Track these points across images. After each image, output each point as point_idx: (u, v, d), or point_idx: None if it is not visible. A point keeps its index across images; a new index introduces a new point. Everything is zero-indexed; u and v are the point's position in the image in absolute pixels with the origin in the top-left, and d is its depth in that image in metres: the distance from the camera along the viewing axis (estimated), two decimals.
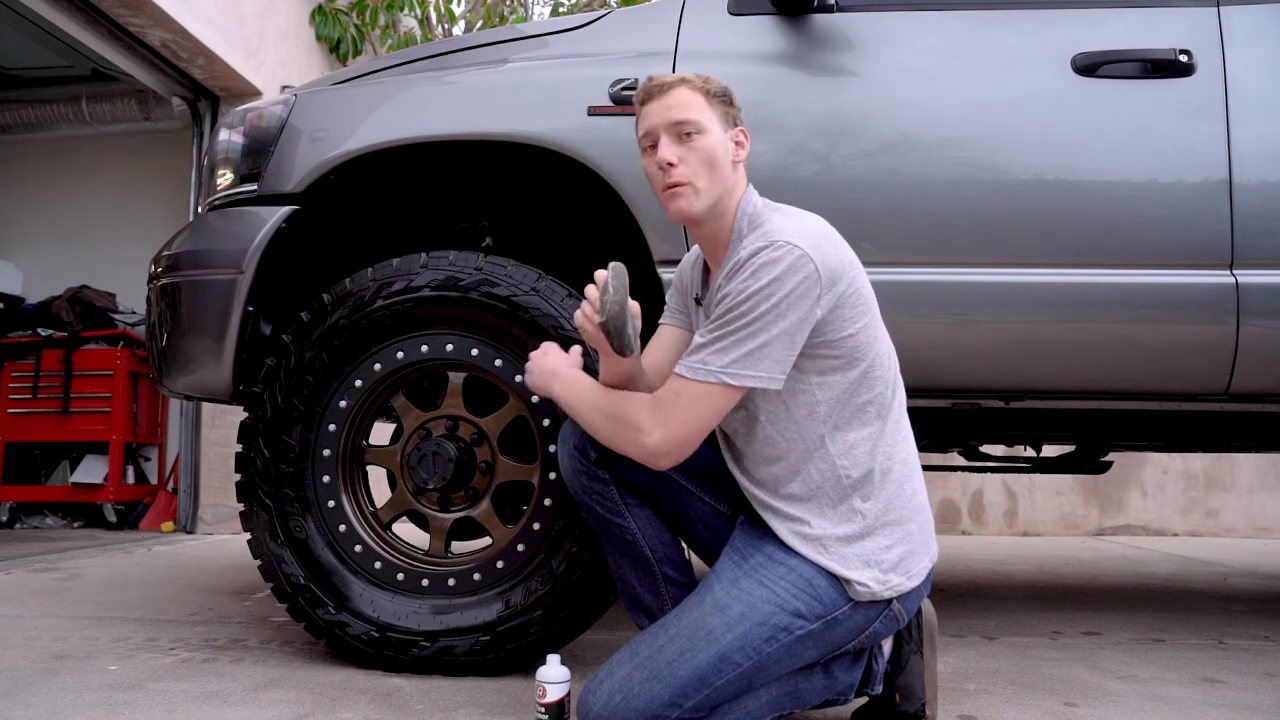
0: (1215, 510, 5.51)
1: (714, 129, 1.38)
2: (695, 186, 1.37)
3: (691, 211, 1.38)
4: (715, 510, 1.53)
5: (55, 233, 5.83)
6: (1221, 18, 1.85)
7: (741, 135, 1.43)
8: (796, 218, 1.37)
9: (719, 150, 1.38)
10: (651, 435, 1.31)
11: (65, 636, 2.14)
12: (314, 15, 5.41)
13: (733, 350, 1.28)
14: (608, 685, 1.29)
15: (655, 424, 1.32)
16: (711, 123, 1.38)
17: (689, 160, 1.37)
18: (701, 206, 1.38)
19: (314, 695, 1.65)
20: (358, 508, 1.88)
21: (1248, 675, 1.94)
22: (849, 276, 1.34)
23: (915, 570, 1.37)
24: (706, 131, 1.37)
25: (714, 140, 1.38)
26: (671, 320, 1.62)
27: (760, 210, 1.40)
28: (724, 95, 1.41)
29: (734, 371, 1.28)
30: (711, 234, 1.44)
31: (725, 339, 1.29)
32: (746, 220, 1.39)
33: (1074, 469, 2.88)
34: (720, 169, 1.38)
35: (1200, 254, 1.80)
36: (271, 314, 2.00)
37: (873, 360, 1.36)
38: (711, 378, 1.29)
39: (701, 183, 1.38)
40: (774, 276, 1.27)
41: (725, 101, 1.41)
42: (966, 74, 1.87)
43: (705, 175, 1.37)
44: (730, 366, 1.28)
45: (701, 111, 1.38)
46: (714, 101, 1.39)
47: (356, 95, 1.98)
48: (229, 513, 4.63)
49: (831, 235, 1.37)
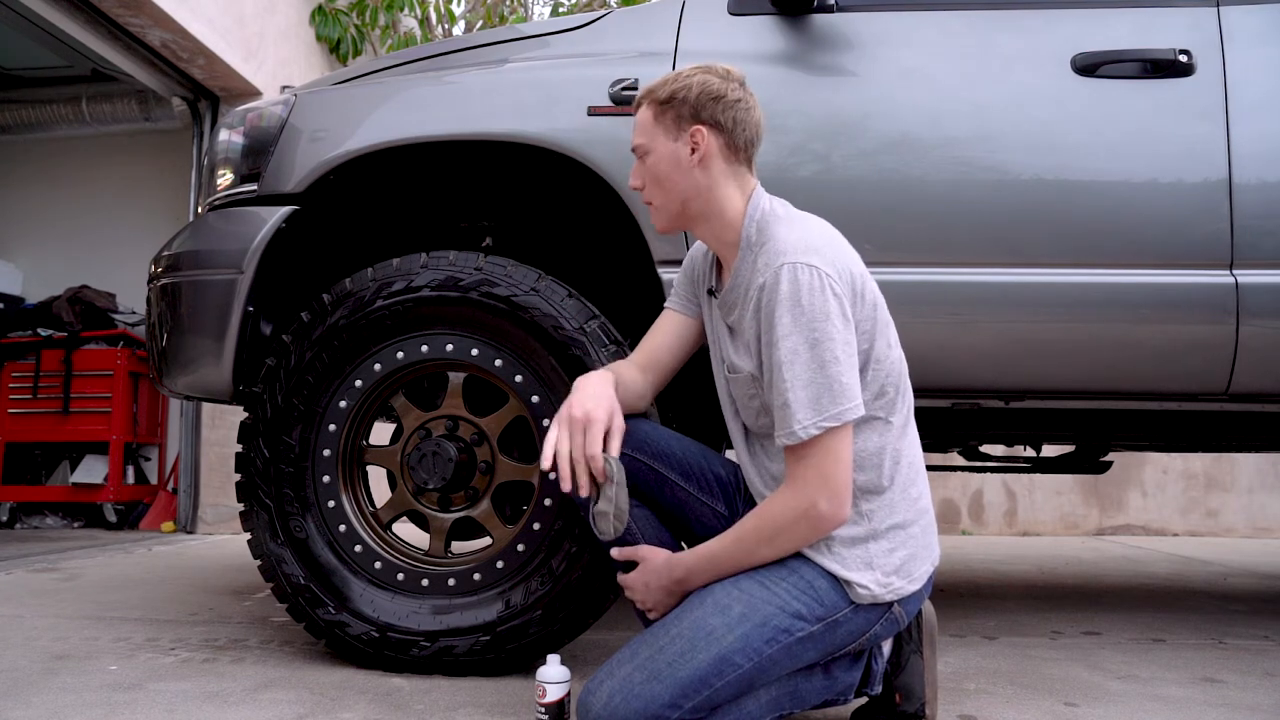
0: (1215, 510, 5.51)
1: (658, 145, 1.42)
2: (655, 204, 1.46)
3: (660, 227, 1.47)
4: (713, 511, 1.53)
5: (55, 233, 5.82)
6: (1221, 18, 1.85)
7: (698, 134, 1.40)
8: (802, 228, 1.36)
9: (664, 165, 1.42)
10: (819, 506, 1.28)
11: (65, 636, 2.14)
12: (314, 15, 5.41)
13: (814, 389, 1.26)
14: (608, 685, 1.28)
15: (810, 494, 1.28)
16: (655, 139, 1.42)
17: (647, 180, 1.45)
18: (664, 221, 1.46)
19: (314, 695, 1.65)
20: (358, 508, 1.88)
21: (1247, 675, 1.94)
22: (860, 279, 1.35)
23: (917, 574, 1.37)
24: (651, 150, 1.43)
25: (657, 158, 1.42)
26: (678, 306, 1.61)
27: (767, 216, 1.39)
28: (669, 100, 1.41)
29: (834, 414, 1.25)
30: (709, 237, 1.46)
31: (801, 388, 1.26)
32: (755, 227, 1.39)
33: (1074, 469, 2.88)
34: (669, 181, 1.42)
35: (1200, 254, 1.80)
36: (271, 314, 2.00)
37: (887, 365, 1.36)
38: (818, 429, 1.26)
39: (657, 200, 1.45)
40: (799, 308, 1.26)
41: (671, 105, 1.40)
42: (966, 74, 1.87)
43: (658, 193, 1.44)
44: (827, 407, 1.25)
45: (646, 132, 1.43)
46: (661, 113, 1.42)
47: (356, 95, 1.98)
48: (229, 513, 4.63)
49: (836, 239, 1.37)
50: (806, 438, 1.26)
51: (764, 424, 1.42)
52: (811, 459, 1.28)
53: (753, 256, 1.38)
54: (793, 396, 1.26)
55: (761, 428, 1.44)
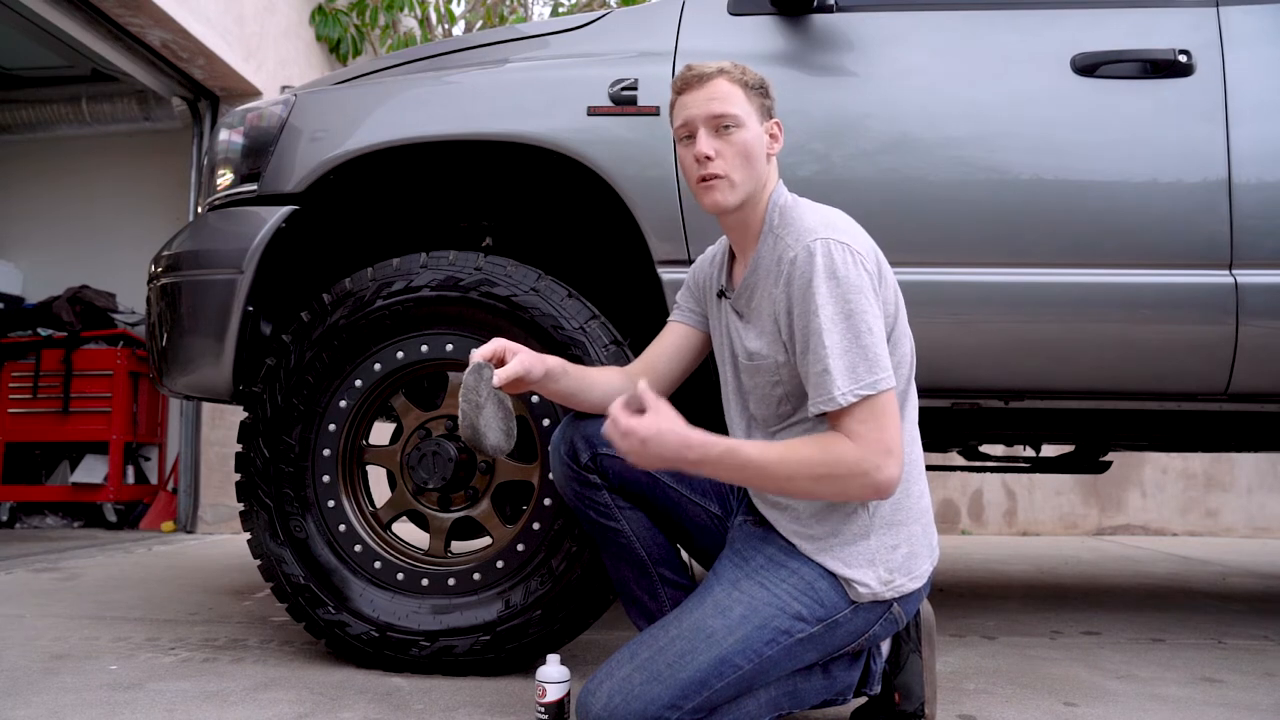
0: (1215, 510, 5.51)
1: (751, 123, 1.38)
2: (731, 180, 1.38)
3: (726, 204, 1.39)
4: (706, 512, 1.53)
5: (55, 233, 5.82)
6: (1221, 18, 1.85)
7: (776, 128, 1.43)
8: (825, 212, 1.38)
9: (755, 144, 1.38)
10: (884, 468, 1.24)
11: (65, 636, 2.14)
12: (314, 15, 5.42)
13: (853, 356, 1.25)
14: (607, 686, 1.28)
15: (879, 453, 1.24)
16: (749, 116, 1.38)
17: (726, 154, 1.37)
18: (735, 200, 1.39)
19: (314, 695, 1.65)
20: (357, 507, 1.88)
21: (1247, 675, 1.94)
22: (883, 263, 1.36)
23: (918, 572, 1.37)
24: (744, 125, 1.37)
25: (751, 134, 1.38)
26: (683, 318, 1.60)
27: (790, 205, 1.40)
28: (760, 87, 1.41)
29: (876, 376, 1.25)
30: (740, 224, 1.44)
31: (842, 356, 1.26)
32: (778, 212, 1.40)
33: (1074, 469, 2.88)
34: (756, 163, 1.39)
35: (1199, 254, 1.80)
36: (271, 314, 2.00)
37: (899, 360, 1.36)
38: (870, 389, 1.25)
39: (737, 176, 1.38)
40: (833, 281, 1.27)
41: (762, 93, 1.41)
42: (966, 74, 1.87)
43: (741, 169, 1.38)
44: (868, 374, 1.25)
45: (740, 105, 1.38)
46: (752, 94, 1.39)
47: (356, 95, 1.98)
48: (229, 513, 4.63)
49: (858, 227, 1.38)
50: (845, 404, 1.25)
51: (784, 411, 1.40)
52: (867, 423, 1.24)
53: (774, 239, 1.38)
54: (833, 364, 1.25)
55: (781, 416, 1.41)
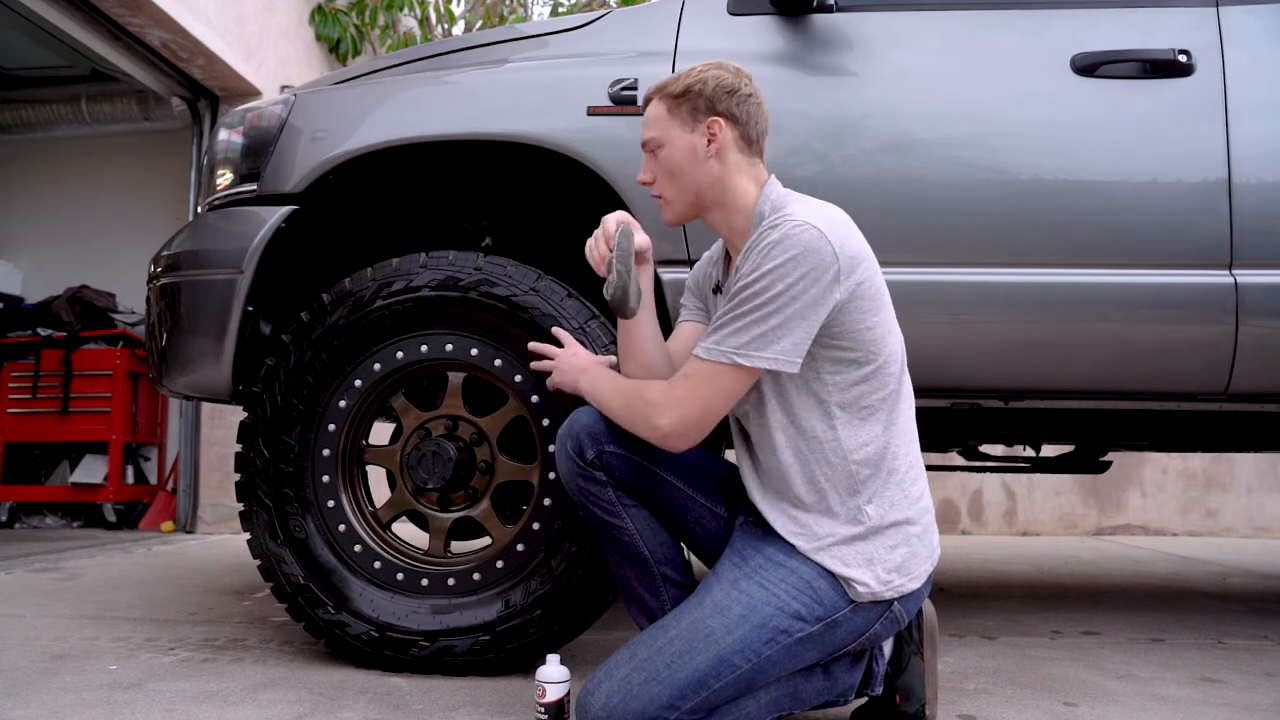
0: (1214, 510, 5.51)
1: (673, 138, 1.44)
2: (666, 198, 1.48)
3: (670, 220, 1.50)
4: (711, 512, 1.53)
5: (55, 233, 5.82)
6: (1221, 18, 1.85)
7: (715, 126, 1.43)
8: (817, 205, 1.38)
9: (681, 158, 1.44)
10: (665, 416, 1.34)
11: (65, 636, 2.14)
12: (314, 15, 5.41)
13: (747, 331, 1.29)
14: (606, 686, 1.28)
15: (668, 405, 1.34)
16: (670, 132, 1.44)
17: (658, 174, 1.47)
18: (675, 214, 1.49)
19: (314, 695, 1.65)
20: (357, 507, 1.88)
21: (1247, 675, 1.94)
22: (866, 266, 1.35)
23: (917, 572, 1.37)
24: (665, 144, 1.45)
25: (672, 151, 1.44)
26: (690, 316, 1.63)
27: (782, 198, 1.41)
28: (684, 93, 1.43)
29: (747, 352, 1.29)
30: (719, 225, 1.48)
31: (740, 319, 1.30)
32: (769, 206, 1.41)
33: (1073, 469, 2.88)
34: (683, 173, 1.44)
35: (1199, 254, 1.80)
36: (271, 314, 2.00)
37: (886, 358, 1.36)
38: (724, 358, 1.30)
39: (670, 194, 1.47)
40: (790, 256, 1.27)
41: (687, 98, 1.43)
42: (966, 74, 1.87)
43: (671, 186, 1.46)
44: (744, 347, 1.29)
45: (660, 125, 1.45)
46: (676, 105, 1.44)
47: (356, 95, 1.98)
48: (229, 513, 4.63)
49: (851, 225, 1.38)
50: (700, 355, 1.32)
51: (744, 411, 1.44)
52: (696, 379, 1.33)
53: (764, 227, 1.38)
54: (726, 319, 1.31)
55: (743, 415, 1.45)
